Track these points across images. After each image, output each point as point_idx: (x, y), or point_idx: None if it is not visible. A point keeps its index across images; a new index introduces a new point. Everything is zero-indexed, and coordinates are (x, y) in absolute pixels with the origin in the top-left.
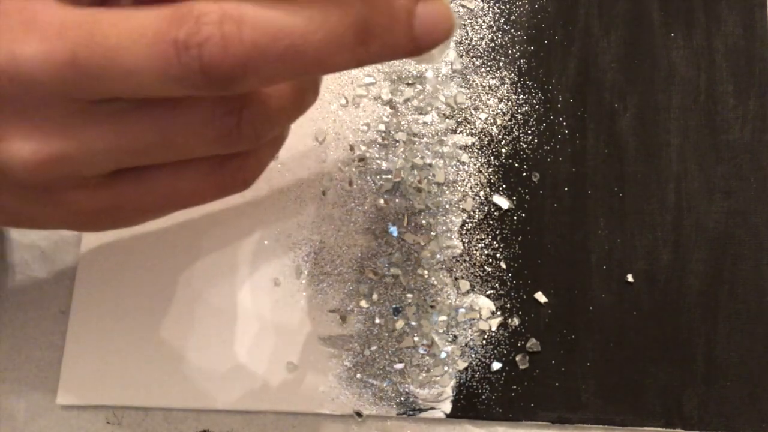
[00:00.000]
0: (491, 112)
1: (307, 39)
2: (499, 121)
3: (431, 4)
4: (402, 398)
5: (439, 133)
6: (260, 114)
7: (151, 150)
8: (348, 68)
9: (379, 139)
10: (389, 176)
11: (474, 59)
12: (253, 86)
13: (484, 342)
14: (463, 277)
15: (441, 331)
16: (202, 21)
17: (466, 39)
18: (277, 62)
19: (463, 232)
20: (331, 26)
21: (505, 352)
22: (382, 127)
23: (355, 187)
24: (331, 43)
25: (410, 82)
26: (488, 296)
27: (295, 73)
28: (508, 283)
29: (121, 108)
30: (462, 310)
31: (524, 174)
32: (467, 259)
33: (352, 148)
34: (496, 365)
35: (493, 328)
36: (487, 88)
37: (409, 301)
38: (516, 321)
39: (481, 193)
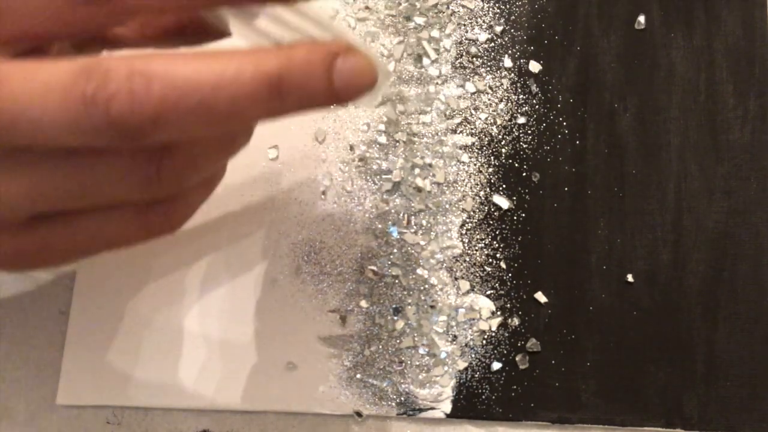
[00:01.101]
0: (491, 112)
1: (218, 94)
2: (499, 121)
3: (352, 57)
4: (402, 398)
5: (439, 133)
6: (182, 160)
7: (70, 197)
8: (265, 120)
9: (379, 139)
10: (389, 176)
11: (474, 59)
12: (165, 139)
13: (484, 342)
14: (463, 277)
15: (441, 331)
16: (110, 76)
17: (466, 39)
18: (188, 117)
19: (463, 232)
20: (243, 81)
21: (505, 352)
22: (382, 127)
23: (355, 187)
24: (244, 98)
25: (410, 82)
26: (488, 296)
27: (208, 126)
28: (508, 283)
29: (38, 156)
30: (462, 310)
31: (524, 174)
32: (467, 259)
33: (352, 148)
34: (496, 365)
35: (493, 328)
36: (487, 88)
37: (409, 301)
38: (516, 321)
39: (481, 193)
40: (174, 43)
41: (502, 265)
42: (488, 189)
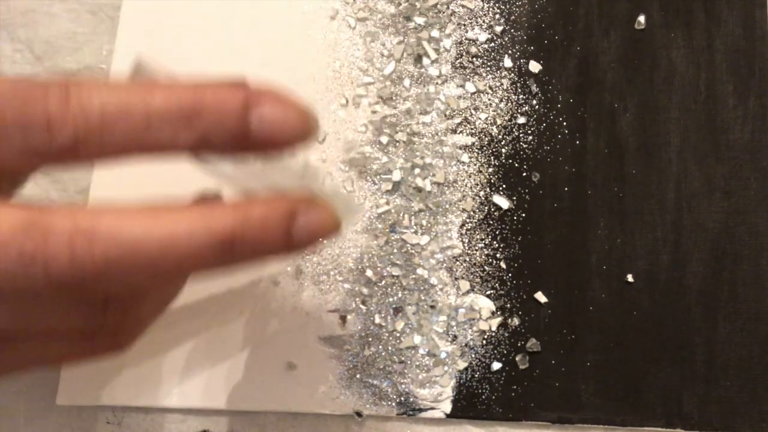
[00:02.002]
0: (491, 112)
1: (165, 254)
2: (499, 121)
3: (313, 213)
4: (402, 398)
5: (439, 133)
6: (129, 297)
7: (10, 328)
8: (215, 272)
9: (379, 139)
10: (389, 176)
11: (474, 59)
12: (108, 291)
13: (484, 342)
14: (463, 277)
15: (441, 331)
16: (51, 235)
17: (466, 39)
18: (132, 275)
19: (463, 232)
20: (194, 239)
21: (505, 352)
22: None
23: (355, 187)
24: (194, 255)
25: (411, 81)
26: (488, 296)
27: (154, 281)
28: (508, 283)
29: None
30: (462, 310)
31: (524, 174)
32: (467, 259)
33: (352, 148)
34: (496, 365)
35: (493, 328)
36: (487, 88)
37: (409, 301)
38: (516, 321)
39: (481, 193)
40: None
41: (502, 265)
42: (488, 189)
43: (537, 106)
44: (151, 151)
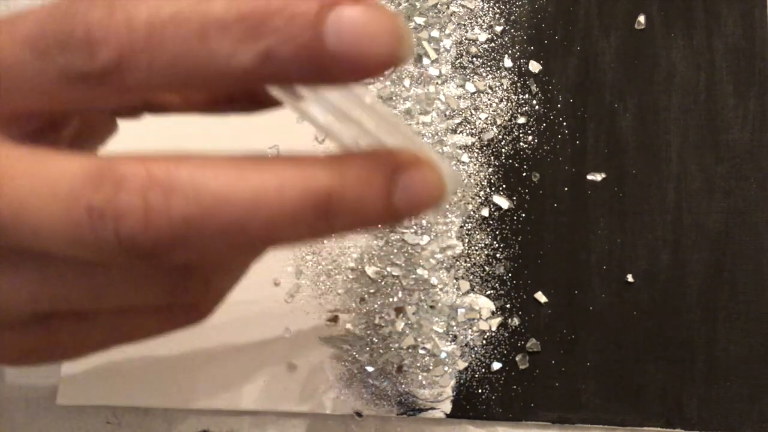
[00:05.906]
0: (491, 112)
1: (253, 215)
2: (499, 121)
3: (418, 173)
4: (402, 398)
5: (439, 133)
6: (212, 266)
7: (81, 301)
8: (303, 242)
9: None
10: None
11: (474, 59)
12: (185, 260)
13: (484, 342)
14: (463, 277)
15: (441, 331)
16: (123, 187)
17: (466, 39)
18: (213, 240)
19: (463, 232)
20: (285, 200)
21: (505, 352)
22: None
23: None
24: (284, 220)
25: (411, 81)
26: (488, 296)
27: (237, 249)
28: (508, 283)
29: (44, 258)
30: (462, 310)
31: (524, 174)
32: (467, 259)
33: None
34: (496, 365)
35: (493, 328)
36: (487, 88)
37: (409, 301)
38: (516, 321)
39: (481, 193)
40: (224, 109)
41: (502, 265)
42: (488, 189)
43: (537, 106)
44: (206, 73)
